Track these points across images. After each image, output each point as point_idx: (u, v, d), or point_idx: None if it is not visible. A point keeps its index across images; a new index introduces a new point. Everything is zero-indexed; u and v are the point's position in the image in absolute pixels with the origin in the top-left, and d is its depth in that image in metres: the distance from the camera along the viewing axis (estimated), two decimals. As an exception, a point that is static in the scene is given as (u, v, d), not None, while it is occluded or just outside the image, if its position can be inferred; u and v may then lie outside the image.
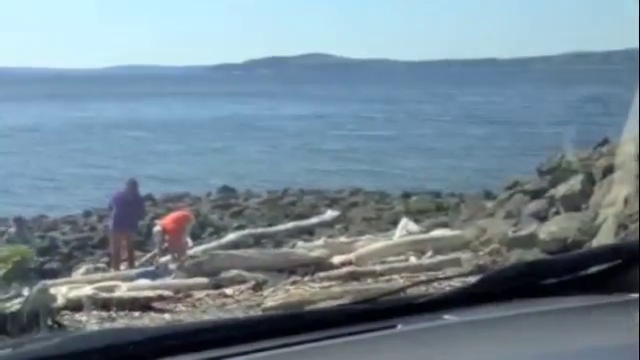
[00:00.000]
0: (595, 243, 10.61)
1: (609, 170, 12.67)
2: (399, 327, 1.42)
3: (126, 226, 14.08)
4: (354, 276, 11.51)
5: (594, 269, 1.62)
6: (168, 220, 14.19)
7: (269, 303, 10.06)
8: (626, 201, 10.86)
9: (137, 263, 14.38)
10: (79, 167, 36.08)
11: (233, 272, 12.02)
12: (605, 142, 14.49)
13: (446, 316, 1.46)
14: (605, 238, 10.48)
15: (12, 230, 14.54)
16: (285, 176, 30.03)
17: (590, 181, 13.08)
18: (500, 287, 1.57)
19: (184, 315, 10.26)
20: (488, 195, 18.77)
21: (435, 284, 5.90)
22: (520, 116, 59.23)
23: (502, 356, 1.30)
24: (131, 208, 14.23)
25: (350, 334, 1.39)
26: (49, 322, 9.43)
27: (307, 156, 38.12)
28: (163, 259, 13.77)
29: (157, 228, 14.09)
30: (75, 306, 10.42)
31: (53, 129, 54.98)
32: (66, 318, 10.05)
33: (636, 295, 1.49)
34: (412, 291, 2.01)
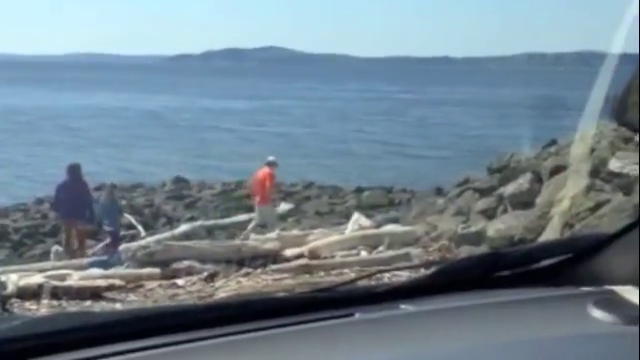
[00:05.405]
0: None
1: (556, 170, 12.96)
2: (357, 315, 1.43)
3: (73, 214, 13.74)
4: (306, 269, 11.55)
5: (546, 262, 1.66)
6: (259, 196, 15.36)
7: (221, 294, 10.07)
8: (573, 200, 11.11)
9: (90, 252, 14.22)
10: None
11: (185, 263, 11.97)
12: (553, 142, 14.79)
13: (403, 305, 1.49)
14: (551, 236, 10.69)
15: None
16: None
17: (538, 180, 13.33)
18: (455, 278, 1.61)
19: (135, 305, 10.23)
20: (439, 192, 19.01)
21: (387, 276, 6.03)
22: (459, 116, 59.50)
23: (457, 344, 1.35)
24: (76, 195, 13.67)
25: (308, 322, 1.40)
26: (-1, 309, 9.35)
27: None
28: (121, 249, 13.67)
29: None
30: (25, 294, 10.32)
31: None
32: (16, 306, 9.97)
33: (587, 288, 1.54)
34: (369, 281, 2.07)
